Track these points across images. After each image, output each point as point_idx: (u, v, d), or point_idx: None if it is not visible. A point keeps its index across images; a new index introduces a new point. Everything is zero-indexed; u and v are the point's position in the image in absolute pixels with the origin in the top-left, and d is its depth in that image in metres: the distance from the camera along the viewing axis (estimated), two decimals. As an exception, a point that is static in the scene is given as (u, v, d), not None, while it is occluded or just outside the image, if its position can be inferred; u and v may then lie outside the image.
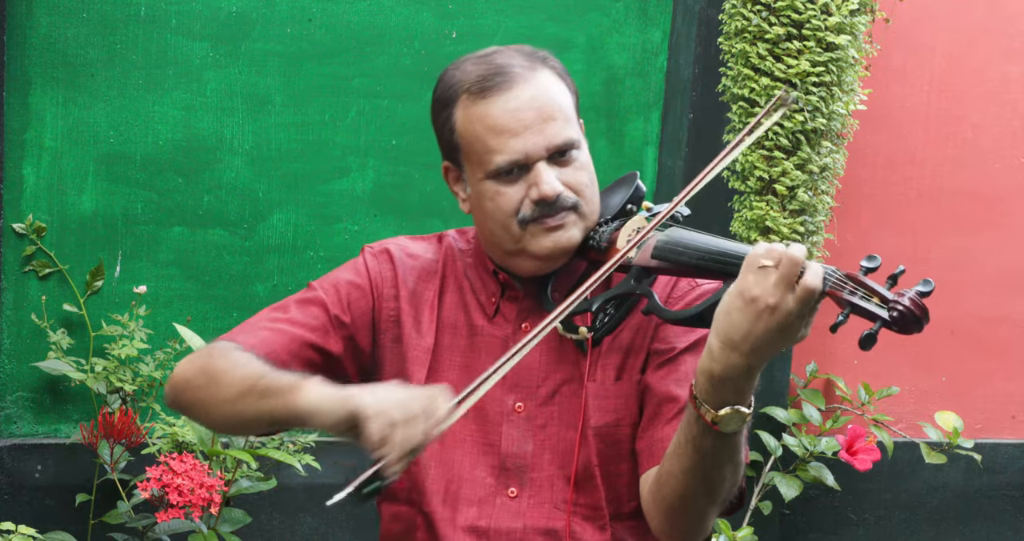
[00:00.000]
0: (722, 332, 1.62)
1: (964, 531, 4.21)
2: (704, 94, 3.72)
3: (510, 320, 1.98)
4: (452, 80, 1.93)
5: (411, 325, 1.99)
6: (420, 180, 3.68)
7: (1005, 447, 4.22)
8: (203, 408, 1.86)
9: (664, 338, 1.94)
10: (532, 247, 1.90)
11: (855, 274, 1.57)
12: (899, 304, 1.51)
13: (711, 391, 1.66)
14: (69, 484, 3.35)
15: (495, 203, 1.90)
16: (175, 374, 1.90)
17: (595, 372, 1.94)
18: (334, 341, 1.96)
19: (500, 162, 1.88)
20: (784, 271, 1.58)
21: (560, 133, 1.89)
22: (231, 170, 3.54)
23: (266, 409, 1.75)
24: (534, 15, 3.72)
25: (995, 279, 4.12)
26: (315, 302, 1.97)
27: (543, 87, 1.90)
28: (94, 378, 3.30)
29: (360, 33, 3.60)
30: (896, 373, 4.06)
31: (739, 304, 1.61)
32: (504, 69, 1.89)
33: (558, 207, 1.89)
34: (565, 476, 1.93)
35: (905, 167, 4.05)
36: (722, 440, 1.69)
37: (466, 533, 1.93)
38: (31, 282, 3.41)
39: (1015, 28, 4.08)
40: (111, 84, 3.43)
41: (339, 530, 3.66)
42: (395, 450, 1.59)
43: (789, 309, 1.58)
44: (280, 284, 3.59)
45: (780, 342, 1.61)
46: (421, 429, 1.60)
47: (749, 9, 3.39)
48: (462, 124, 1.91)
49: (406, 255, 2.04)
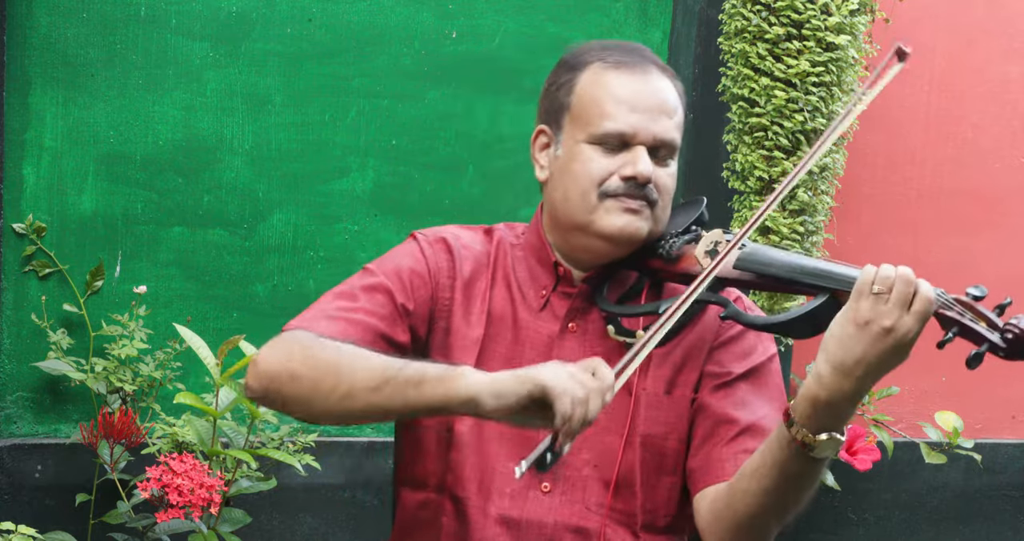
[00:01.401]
0: (835, 358, 1.66)
1: (964, 531, 4.21)
2: (704, 94, 3.73)
3: (559, 317, 1.98)
4: (589, 49, 1.98)
5: (461, 315, 1.99)
6: (420, 180, 3.68)
7: (1005, 447, 4.22)
8: (312, 399, 1.80)
9: (719, 361, 1.96)
10: (602, 222, 1.91)
11: (961, 297, 1.66)
12: (1013, 329, 1.61)
13: (812, 416, 1.69)
14: (69, 484, 3.35)
15: (585, 167, 1.91)
16: (267, 368, 1.83)
17: (645, 381, 1.95)
18: (401, 330, 1.94)
19: (609, 127, 1.90)
20: (898, 294, 1.63)
21: (670, 131, 1.93)
22: (231, 170, 3.54)
23: (412, 399, 1.71)
24: (534, 15, 3.72)
25: (995, 279, 4.12)
26: (380, 289, 1.95)
27: (670, 89, 1.95)
28: (94, 378, 3.30)
29: (360, 33, 3.60)
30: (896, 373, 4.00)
31: (852, 330, 1.65)
32: (645, 57, 1.96)
33: (643, 194, 1.91)
34: (600, 478, 1.94)
35: (905, 167, 4.05)
36: (811, 465, 1.72)
37: (497, 522, 1.93)
38: (31, 282, 3.41)
39: (1015, 28, 4.08)
40: (111, 84, 3.43)
41: (339, 530, 3.66)
42: (577, 424, 1.62)
43: (908, 328, 1.64)
44: (280, 284, 3.60)
45: (893, 363, 1.66)
46: (598, 403, 1.63)
47: (749, 9, 3.39)
48: (584, 85, 1.94)
49: (461, 245, 2.03)
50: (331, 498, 3.64)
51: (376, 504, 3.66)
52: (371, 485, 3.65)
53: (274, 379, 1.82)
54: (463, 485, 1.95)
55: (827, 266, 1.78)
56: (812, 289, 1.78)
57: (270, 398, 1.85)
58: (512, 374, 1.67)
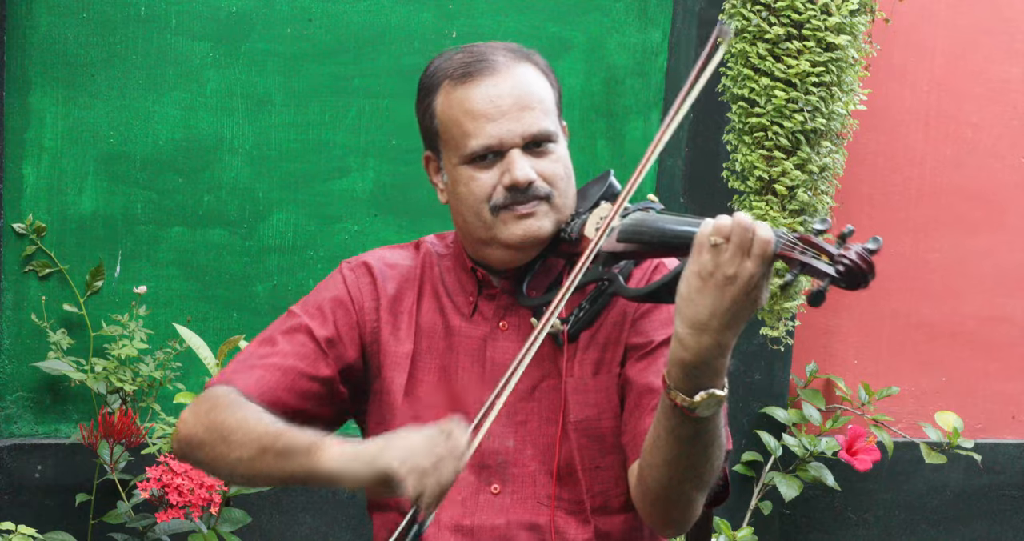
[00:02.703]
0: (688, 316, 1.63)
1: (964, 531, 4.21)
2: (704, 94, 3.71)
3: (488, 318, 1.99)
4: (435, 68, 1.98)
5: (389, 333, 2.00)
6: (420, 180, 3.64)
7: (1005, 447, 4.22)
8: (216, 465, 1.87)
9: (642, 332, 1.95)
10: (502, 234, 1.92)
11: (806, 235, 1.59)
12: (845, 259, 1.52)
13: (684, 379, 1.67)
14: (69, 484, 3.35)
15: (468, 188, 1.92)
16: (182, 431, 1.90)
17: (572, 367, 1.95)
18: (324, 365, 1.97)
19: (475, 146, 1.90)
20: (737, 240, 1.59)
21: (537, 123, 1.91)
22: (231, 170, 3.54)
23: (286, 470, 1.76)
24: (534, 15, 3.72)
25: (995, 279, 4.13)
26: (301, 329, 1.98)
27: (524, 78, 1.93)
28: (94, 378, 3.30)
29: (360, 33, 3.60)
30: (896, 373, 4.06)
31: (698, 284, 1.62)
32: (487, 57, 1.93)
33: (530, 195, 1.90)
34: (547, 471, 1.94)
35: (905, 167, 4.05)
36: (701, 425, 1.70)
37: (451, 532, 1.94)
38: (31, 282, 3.41)
39: (1015, 28, 4.08)
40: (111, 84, 3.43)
41: (339, 530, 3.66)
42: (431, 496, 1.62)
43: (750, 272, 1.59)
44: (280, 284, 3.60)
45: (746, 310, 1.62)
46: (451, 469, 1.63)
47: (749, 9, 3.39)
48: (442, 109, 1.95)
49: (385, 266, 2.05)
50: (331, 498, 3.64)
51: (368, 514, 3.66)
52: (371, 485, 3.64)
53: (187, 443, 1.90)
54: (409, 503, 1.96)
55: (686, 225, 1.74)
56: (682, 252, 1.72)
57: (188, 460, 1.93)
58: (359, 455, 1.67)
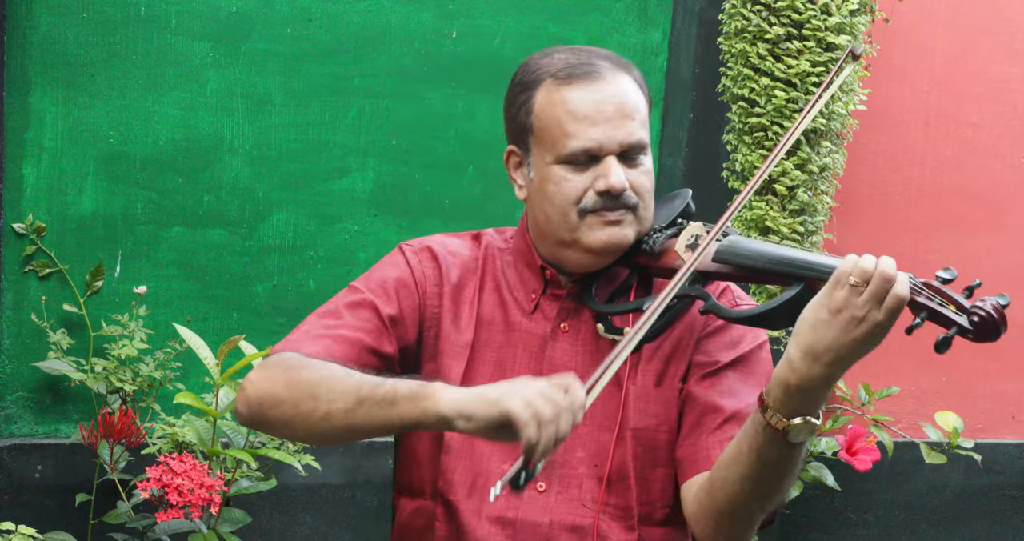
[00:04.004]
0: (805, 343, 1.66)
1: (964, 531, 4.21)
2: (704, 94, 3.73)
3: (549, 318, 1.99)
4: (539, 65, 1.97)
5: (450, 321, 2.00)
6: (420, 180, 3.68)
7: (1005, 447, 4.22)
8: (297, 422, 1.83)
9: (706, 351, 1.97)
10: (587, 238, 1.92)
11: (931, 281, 1.64)
12: (979, 311, 1.59)
13: (785, 401, 1.69)
14: (69, 484, 3.35)
15: (559, 188, 1.92)
16: (253, 392, 1.87)
17: (635, 376, 1.96)
18: (388, 342, 1.96)
19: (574, 147, 1.90)
20: (875, 288, 1.62)
21: (635, 133, 1.92)
22: (231, 170, 3.54)
23: (390, 418, 1.74)
24: (534, 15, 3.72)
25: (995, 279, 4.12)
26: (365, 304, 1.97)
27: (626, 87, 1.94)
28: (94, 378, 3.30)
29: (360, 33, 3.60)
30: (896, 373, 4.06)
31: (825, 317, 1.64)
32: (593, 61, 1.94)
33: (620, 203, 1.91)
34: (596, 476, 1.95)
35: (905, 167, 4.05)
36: (788, 450, 1.72)
37: (492, 523, 1.94)
38: (31, 282, 3.41)
39: (1015, 28, 4.08)
40: (111, 84, 3.43)
41: (339, 530, 3.66)
42: (547, 444, 1.63)
43: (878, 321, 1.63)
44: (280, 284, 3.60)
45: (863, 351, 1.66)
46: (568, 421, 1.64)
47: (749, 9, 3.40)
48: (541, 106, 1.94)
49: (448, 253, 2.05)
50: (331, 498, 3.64)
51: (376, 504, 3.66)
52: (371, 485, 3.65)
53: (260, 403, 1.87)
54: (453, 489, 1.96)
55: (804, 256, 1.78)
56: (789, 279, 1.78)
57: (257, 422, 1.90)
58: (481, 396, 1.68)
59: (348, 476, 3.64)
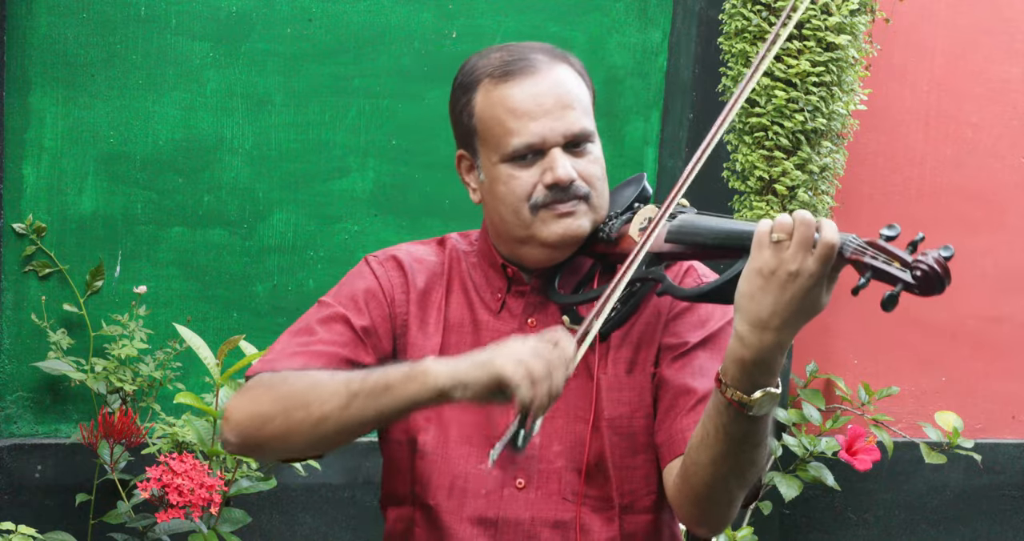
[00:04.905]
0: (749, 314, 1.64)
1: (964, 531, 4.21)
2: (704, 94, 3.73)
3: (516, 315, 1.99)
4: (476, 66, 1.97)
5: (418, 326, 2.00)
6: (420, 180, 3.68)
7: (1005, 447, 4.22)
8: (292, 434, 1.81)
9: (676, 333, 1.96)
10: (542, 233, 1.92)
11: (875, 240, 1.61)
12: (921, 264, 1.55)
13: (742, 377, 1.68)
14: (69, 484, 3.35)
15: (508, 187, 1.92)
16: (238, 417, 1.86)
17: (605, 365, 1.96)
18: (364, 353, 1.96)
19: (517, 144, 1.90)
20: (799, 236, 1.61)
21: (578, 122, 1.91)
22: (231, 170, 3.54)
23: (385, 407, 1.73)
24: (534, 15, 3.72)
25: (995, 279, 4.13)
26: (337, 318, 1.97)
27: (563, 78, 1.93)
28: (94, 378, 3.30)
29: (360, 33, 3.60)
30: (896, 373, 4.06)
31: (760, 282, 1.63)
32: (527, 56, 1.93)
33: (571, 194, 1.91)
34: (574, 468, 1.94)
35: (905, 167, 4.05)
36: (754, 424, 1.71)
37: (473, 524, 1.94)
38: (31, 282, 3.41)
39: (1015, 28, 4.08)
40: (111, 84, 3.43)
41: (339, 530, 3.66)
42: (542, 401, 1.63)
43: (812, 271, 1.61)
44: (280, 284, 3.60)
45: (807, 310, 1.63)
46: (561, 376, 1.64)
47: (749, 9, 3.40)
48: (482, 107, 1.93)
49: (413, 259, 2.05)
50: (331, 498, 3.64)
51: (376, 504, 3.66)
52: (371, 485, 3.65)
53: (250, 425, 1.85)
54: (432, 493, 1.96)
55: (748, 226, 1.74)
56: (739, 252, 1.74)
57: (250, 446, 1.88)
58: (472, 361, 1.68)
59: (348, 476, 3.64)
